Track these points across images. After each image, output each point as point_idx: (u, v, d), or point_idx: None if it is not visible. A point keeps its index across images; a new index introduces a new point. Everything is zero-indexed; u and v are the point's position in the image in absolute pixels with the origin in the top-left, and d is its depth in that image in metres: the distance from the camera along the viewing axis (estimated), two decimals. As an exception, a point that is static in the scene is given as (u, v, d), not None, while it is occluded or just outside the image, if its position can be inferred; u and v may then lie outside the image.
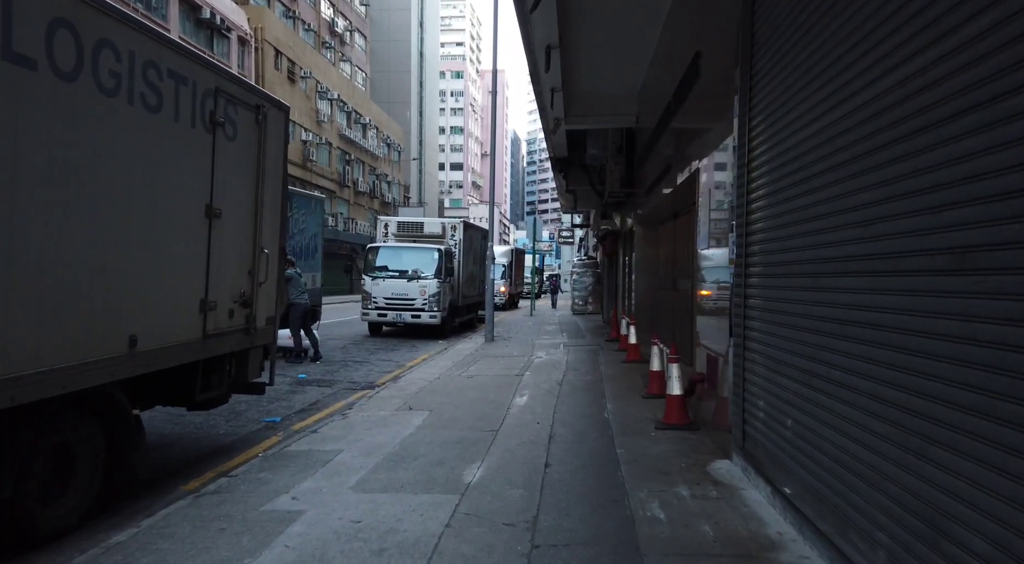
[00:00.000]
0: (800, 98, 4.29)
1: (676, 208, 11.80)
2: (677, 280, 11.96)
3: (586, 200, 20.12)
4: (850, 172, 3.56)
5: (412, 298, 17.49)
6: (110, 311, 4.49)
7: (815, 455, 3.89)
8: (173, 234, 5.18)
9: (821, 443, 3.81)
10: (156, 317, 4.99)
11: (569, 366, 11.77)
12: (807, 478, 3.96)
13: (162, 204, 5.01)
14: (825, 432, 3.76)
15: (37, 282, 3.87)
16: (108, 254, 4.45)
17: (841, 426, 3.59)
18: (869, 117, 3.32)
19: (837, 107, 3.73)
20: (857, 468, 3.36)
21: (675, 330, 11.87)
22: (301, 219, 14.31)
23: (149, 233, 4.87)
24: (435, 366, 11.88)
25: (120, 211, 4.55)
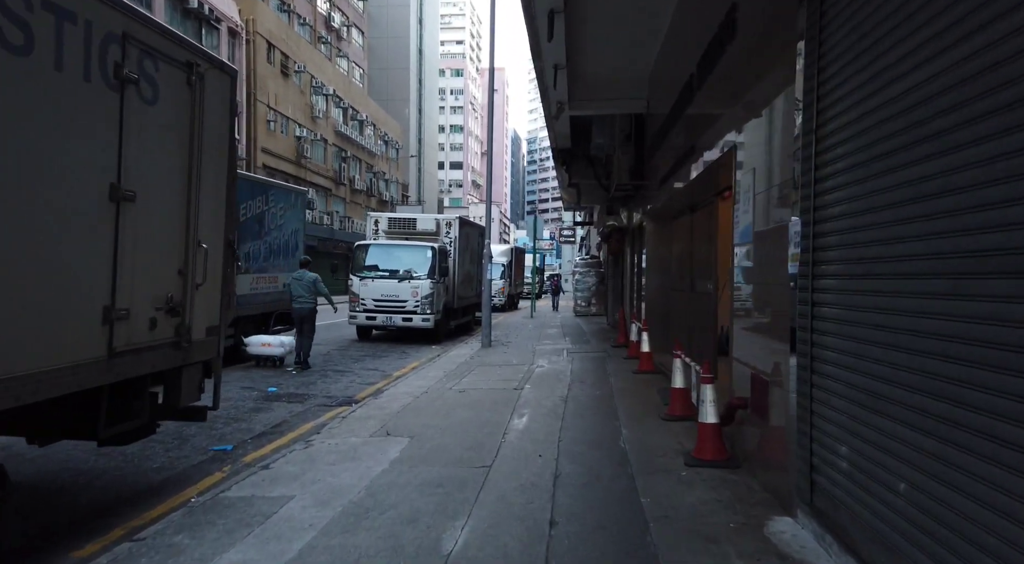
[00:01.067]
0: (911, 25, 3.01)
1: (694, 200, 10.52)
2: (695, 281, 10.68)
3: (590, 195, 18.85)
4: (1004, 124, 2.30)
5: (403, 300, 16.22)
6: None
7: (954, 543, 2.61)
8: (58, 223, 3.90)
9: (969, 529, 2.53)
10: (31, 332, 3.72)
11: (574, 377, 10.49)
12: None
13: (38, 182, 3.73)
14: (978, 513, 2.48)
15: None
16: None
17: (1008, 507, 2.32)
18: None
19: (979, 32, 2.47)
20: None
21: (693, 337, 10.59)
22: (280, 214, 13.04)
23: (16, 221, 3.60)
24: (424, 377, 10.60)
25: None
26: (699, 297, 10.29)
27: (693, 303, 10.70)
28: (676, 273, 12.13)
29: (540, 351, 14.22)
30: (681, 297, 11.62)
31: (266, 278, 12.60)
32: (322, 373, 11.40)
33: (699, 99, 7.92)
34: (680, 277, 11.82)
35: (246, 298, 11.86)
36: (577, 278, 28.30)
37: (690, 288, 10.79)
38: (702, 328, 9.96)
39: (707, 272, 9.83)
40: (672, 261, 12.45)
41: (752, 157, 5.36)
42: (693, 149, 8.29)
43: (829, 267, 3.89)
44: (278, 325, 13.54)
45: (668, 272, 12.55)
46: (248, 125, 36.61)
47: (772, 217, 4.79)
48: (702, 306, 10.09)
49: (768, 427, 4.87)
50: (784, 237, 4.51)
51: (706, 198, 9.74)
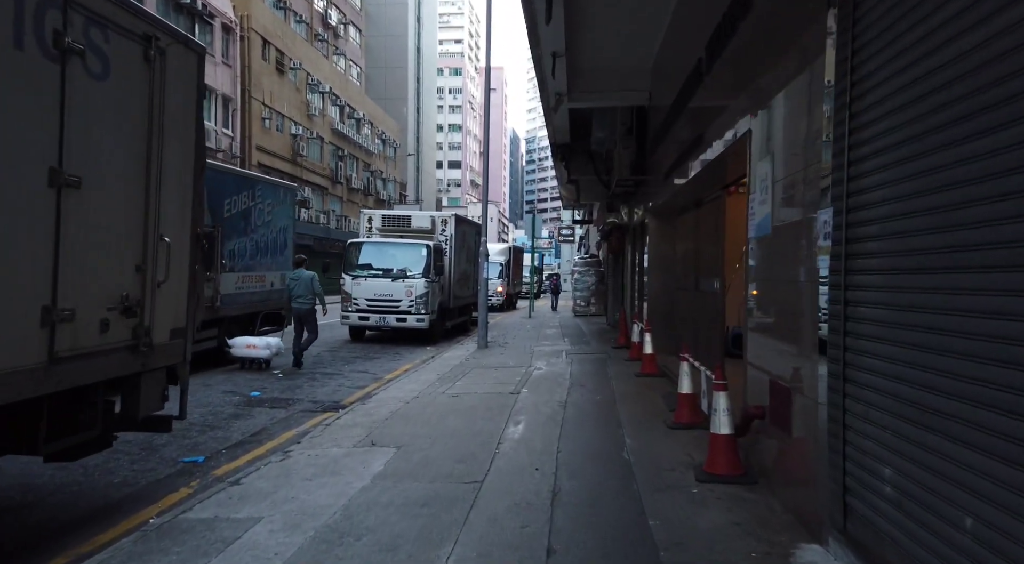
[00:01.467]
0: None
1: (699, 195, 10.03)
2: (700, 279, 10.20)
3: (590, 191, 18.36)
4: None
5: (397, 299, 15.72)
6: None
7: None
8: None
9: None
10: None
11: (574, 380, 9.99)
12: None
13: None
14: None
15: None
16: None
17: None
18: None
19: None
20: None
21: (699, 339, 10.10)
22: (267, 211, 12.53)
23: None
24: (416, 380, 10.10)
25: None
26: (704, 296, 9.80)
27: (698, 302, 10.21)
28: (680, 271, 11.65)
29: (538, 353, 13.73)
30: (685, 296, 11.14)
31: (253, 277, 12.10)
32: (310, 376, 10.89)
33: (708, 85, 7.43)
34: (684, 275, 11.33)
35: (231, 297, 11.36)
36: (576, 278, 27.80)
37: (695, 287, 10.31)
38: (708, 329, 9.47)
39: (713, 270, 9.34)
40: (676, 259, 11.97)
41: (770, 143, 4.86)
42: (700, 140, 7.80)
43: (868, 261, 3.39)
44: (266, 326, 13.04)
45: (671, 271, 12.07)
46: (243, 122, 36.11)
47: (795, 207, 4.29)
48: (708, 306, 9.60)
49: (790, 440, 4.38)
50: (809, 229, 4.01)
51: (713, 192, 9.25)
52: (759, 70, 5.30)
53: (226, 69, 34.64)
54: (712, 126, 7.38)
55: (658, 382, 9.68)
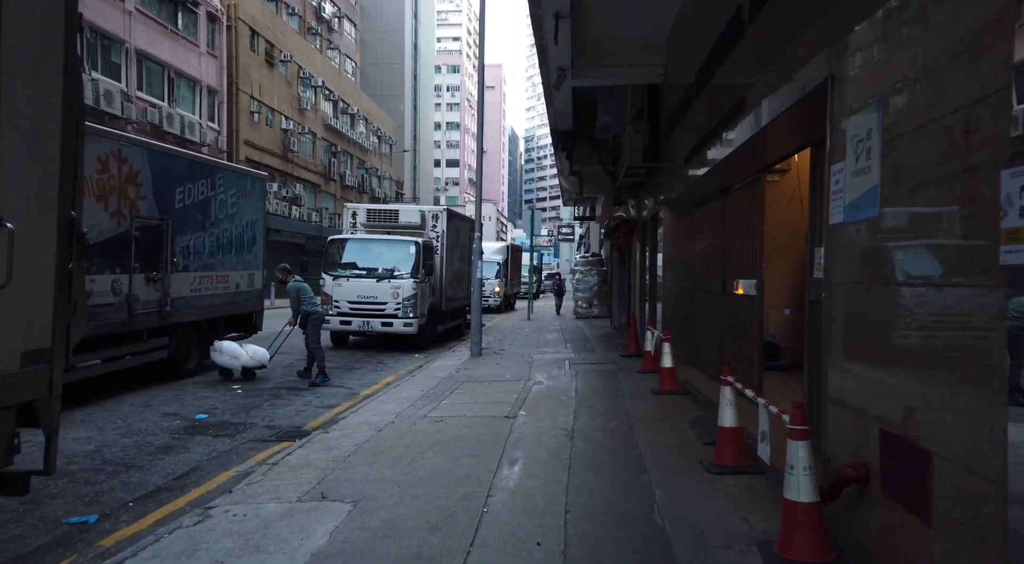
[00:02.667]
0: None
1: (727, 181, 8.54)
2: (727, 280, 8.73)
3: (594, 183, 16.88)
4: None
5: (383, 302, 14.23)
6: None
7: None
8: None
9: None
10: None
11: (581, 399, 8.51)
12: None
13: None
14: None
15: None
16: None
17: None
18: None
19: None
20: None
21: (725, 349, 8.63)
22: (231, 202, 11.04)
23: None
24: (397, 398, 8.62)
25: None
26: (735, 301, 8.33)
27: (725, 307, 8.73)
28: (701, 271, 10.17)
29: (538, 362, 12.25)
30: (707, 300, 9.67)
31: (213, 277, 10.61)
32: (273, 392, 9.40)
33: (752, 36, 5.95)
34: (706, 276, 9.86)
35: (185, 301, 9.87)
36: (578, 278, 26.32)
37: (720, 289, 8.84)
38: (740, 338, 8.00)
39: (746, 268, 7.87)
40: (696, 257, 10.50)
41: (877, 84, 3.37)
42: (738, 109, 6.31)
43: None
44: (232, 332, 11.57)
45: (689, 270, 10.60)
46: (229, 116, 34.63)
47: (937, 171, 2.81)
48: (739, 311, 8.12)
49: (922, 527, 2.90)
50: (971, 202, 2.54)
51: (745, 176, 7.78)
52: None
53: (211, 59, 33.16)
54: (752, 92, 5.91)
55: (680, 402, 8.19)
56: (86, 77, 24.23)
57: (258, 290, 12.09)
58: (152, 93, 28.81)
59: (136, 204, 8.69)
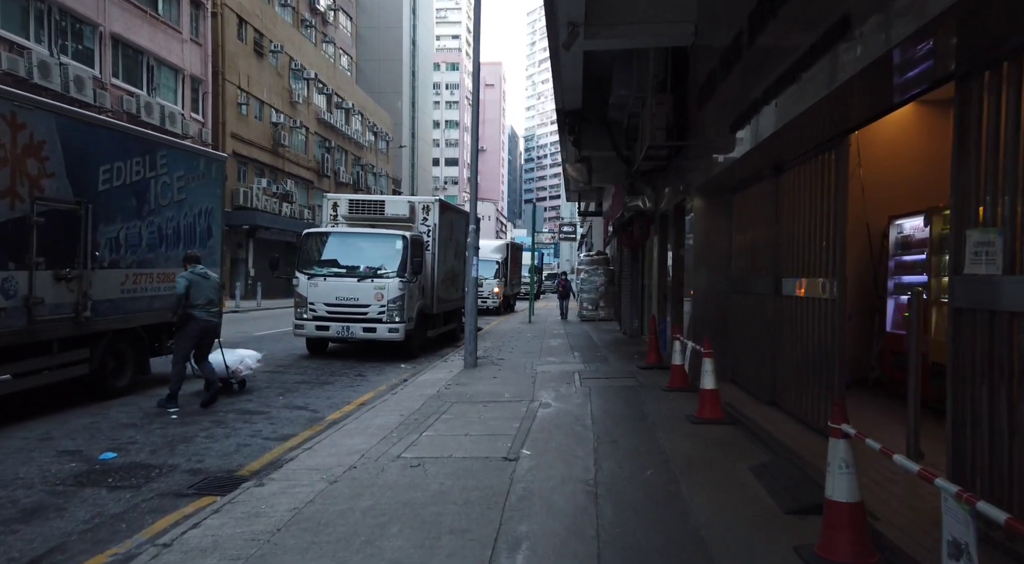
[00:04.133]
0: None
1: (783, 154, 6.77)
2: (782, 280, 6.95)
3: (605, 171, 15.08)
4: None
5: (364, 305, 12.45)
6: None
7: None
8: None
9: None
10: None
11: (600, 430, 6.72)
12: None
13: None
14: None
15: None
16: None
17: None
18: None
19: None
20: None
21: (782, 363, 6.84)
22: (177, 185, 9.27)
23: None
24: (367, 427, 6.84)
25: None
26: (794, 305, 6.55)
27: (781, 314, 6.95)
28: (742, 269, 8.39)
29: (543, 375, 10.46)
30: (752, 304, 7.88)
31: (153, 275, 8.83)
32: (218, 418, 7.61)
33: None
34: (749, 274, 8.08)
35: (113, 304, 8.09)
36: (583, 278, 24.52)
37: (773, 290, 7.04)
38: (806, 353, 6.21)
39: (815, 265, 6.10)
40: (734, 252, 8.72)
41: None
42: (845, 26, 4.51)
43: None
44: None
45: (724, 268, 8.81)
46: (215, 107, 32.86)
47: None
48: (802, 318, 6.34)
49: None
50: None
51: (816, 143, 6.00)
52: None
53: (195, 47, 31.39)
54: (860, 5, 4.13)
55: (730, 436, 6.39)
56: (53, 61, 22.47)
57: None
58: (129, 81, 27.03)
59: (40, 183, 6.90)
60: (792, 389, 6.62)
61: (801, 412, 6.33)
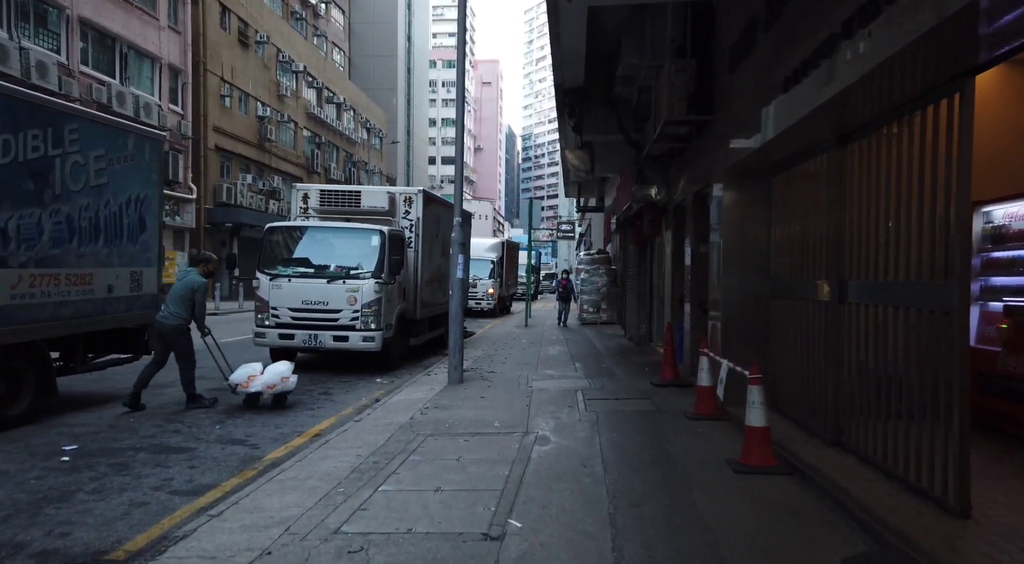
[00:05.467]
0: None
1: (854, 117, 5.15)
2: (850, 283, 5.32)
3: (610, 158, 13.44)
4: None
5: (335, 309, 10.81)
6: None
7: None
8: None
9: None
10: None
11: (614, 483, 5.08)
12: None
13: None
14: None
15: None
16: None
17: None
18: None
19: None
20: None
21: (840, 391, 5.23)
22: (95, 167, 7.62)
23: None
24: (308, 477, 5.20)
25: None
26: (871, 317, 4.92)
27: (847, 327, 5.32)
28: (787, 269, 6.74)
29: (539, 395, 8.83)
30: (802, 313, 6.24)
31: (61, 276, 7.18)
32: (123, 461, 5.94)
33: None
34: (799, 276, 6.44)
35: (1, 313, 6.44)
36: (583, 278, 22.87)
37: (837, 297, 5.40)
38: (898, 386, 4.57)
39: (909, 264, 4.47)
40: (775, 248, 7.08)
41: None
42: None
43: None
44: (94, 352, 8.18)
45: (764, 268, 7.17)
46: (195, 99, 31.16)
47: None
48: (890, 336, 4.70)
49: None
50: None
51: (927, 91, 4.35)
52: None
53: (174, 35, 29.70)
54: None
55: (795, 495, 4.74)
56: (12, 44, 20.77)
57: (150, 295, 8.64)
58: (100, 69, 25.33)
59: None
60: (872, 430, 4.99)
61: (892, 464, 4.69)
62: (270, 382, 7.94)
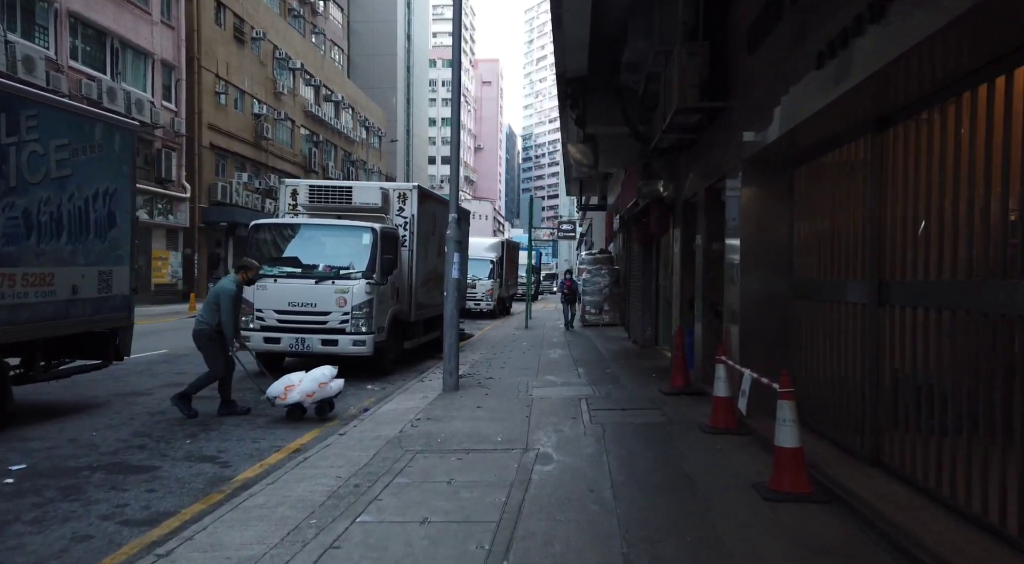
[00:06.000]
0: None
1: (898, 96, 4.52)
2: (891, 284, 4.71)
3: (614, 152, 12.77)
4: None
5: (324, 312, 10.20)
6: None
7: None
8: None
9: None
10: None
11: (626, 514, 4.46)
12: None
13: None
14: None
15: None
16: None
17: None
18: None
19: None
20: None
21: (879, 403, 4.59)
22: (56, 157, 7.00)
23: None
24: (278, 505, 4.57)
25: None
26: (917, 321, 4.30)
27: (887, 334, 4.69)
28: (814, 268, 6.13)
29: (540, 403, 8.20)
30: (832, 317, 5.62)
31: (16, 277, 6.55)
32: (76, 483, 5.32)
33: None
34: (827, 276, 5.83)
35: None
36: (584, 278, 22.25)
37: (876, 299, 4.78)
38: (954, 404, 3.95)
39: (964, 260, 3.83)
40: (798, 246, 6.45)
41: None
42: None
43: None
44: (58, 359, 7.57)
45: (786, 268, 6.54)
46: (189, 96, 30.54)
47: None
48: (941, 344, 4.08)
49: None
50: None
51: (1001, 57, 3.72)
52: None
53: (167, 30, 29.09)
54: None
55: (837, 528, 4.11)
56: (-2, 38, 20.17)
57: (121, 296, 8.03)
58: (91, 64, 24.73)
59: None
60: (921, 449, 4.36)
61: (947, 490, 4.07)
62: (308, 390, 7.40)
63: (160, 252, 28.55)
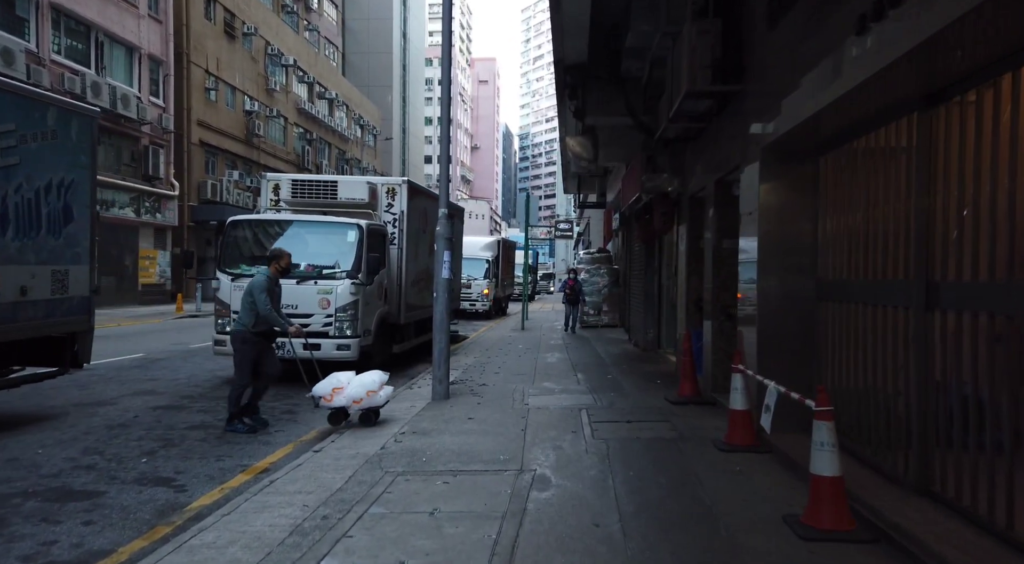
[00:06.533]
0: None
1: (955, 63, 3.84)
2: (943, 286, 4.04)
3: (615, 145, 12.08)
4: None
5: (305, 314, 9.52)
6: None
7: None
8: None
9: None
10: None
11: (639, 552, 3.80)
12: None
13: None
14: None
15: None
16: None
17: None
18: None
19: None
20: None
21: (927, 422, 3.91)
22: (4, 144, 6.31)
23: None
24: (230, 543, 3.90)
25: None
26: (979, 329, 3.63)
27: (939, 342, 4.03)
28: (844, 269, 5.47)
29: (537, 415, 7.53)
30: (866, 321, 4.95)
31: (-47, 276, 5.86)
32: (3, 514, 4.65)
33: None
34: (858, 275, 5.17)
35: None
36: (582, 278, 21.59)
37: (921, 301, 4.12)
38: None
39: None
40: (824, 243, 5.79)
41: None
42: None
43: None
44: (6, 367, 6.89)
45: (810, 267, 5.88)
46: (178, 91, 29.81)
47: None
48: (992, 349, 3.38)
49: None
50: None
51: None
52: None
53: (155, 24, 28.34)
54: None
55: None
56: (-27, 29, 19.44)
57: (80, 298, 7.34)
58: (74, 58, 23.98)
59: None
60: (985, 479, 3.70)
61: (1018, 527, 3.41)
62: (356, 396, 6.76)
63: (148, 251, 27.84)
